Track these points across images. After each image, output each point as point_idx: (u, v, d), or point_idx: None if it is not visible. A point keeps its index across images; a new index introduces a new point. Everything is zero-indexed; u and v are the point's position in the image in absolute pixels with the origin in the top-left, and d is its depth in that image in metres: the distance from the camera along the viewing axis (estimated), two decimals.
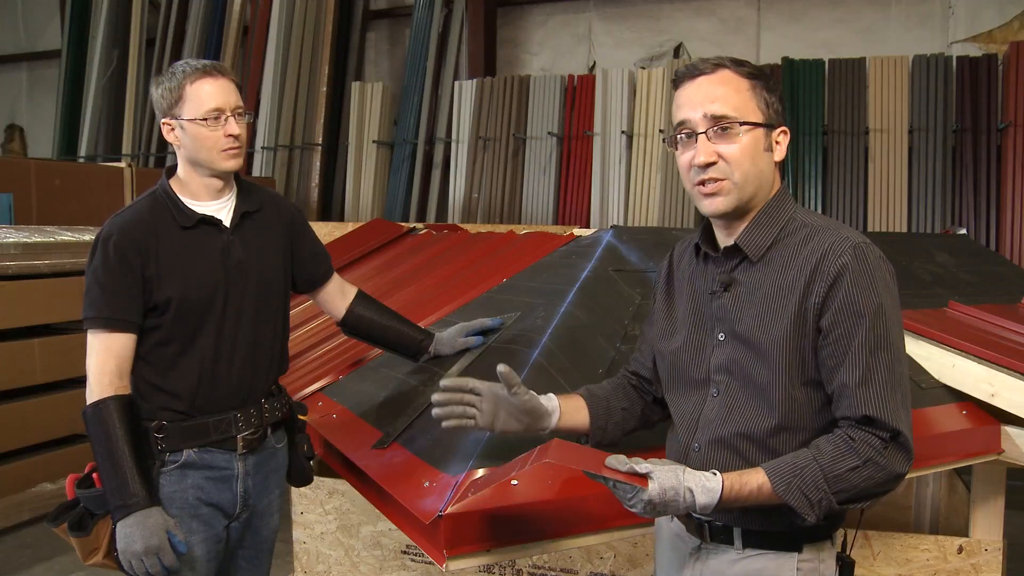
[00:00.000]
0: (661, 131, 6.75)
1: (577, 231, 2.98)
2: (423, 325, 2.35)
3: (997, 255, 4.58)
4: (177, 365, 1.88)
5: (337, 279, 2.18)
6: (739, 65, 1.43)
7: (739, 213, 1.44)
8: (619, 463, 1.28)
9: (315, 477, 2.24)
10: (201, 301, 1.88)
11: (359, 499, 2.54)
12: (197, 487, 1.90)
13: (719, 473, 1.32)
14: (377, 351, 2.45)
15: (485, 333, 2.21)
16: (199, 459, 1.90)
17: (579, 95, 7.17)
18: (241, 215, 1.96)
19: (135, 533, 1.73)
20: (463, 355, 2.16)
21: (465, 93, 7.51)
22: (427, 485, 1.64)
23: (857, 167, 6.38)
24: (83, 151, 9.01)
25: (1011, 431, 2.11)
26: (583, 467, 1.30)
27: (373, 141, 7.85)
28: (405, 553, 2.73)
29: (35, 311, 4.46)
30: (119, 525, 1.75)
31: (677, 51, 7.43)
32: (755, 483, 1.32)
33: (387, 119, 7.94)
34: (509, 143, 7.33)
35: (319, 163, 8.06)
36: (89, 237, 4.55)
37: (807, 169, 6.45)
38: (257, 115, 8.04)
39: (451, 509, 1.53)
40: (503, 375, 1.51)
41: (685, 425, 1.50)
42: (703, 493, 1.29)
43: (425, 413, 1.95)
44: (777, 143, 1.45)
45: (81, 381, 1.86)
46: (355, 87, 7.97)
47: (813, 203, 6.38)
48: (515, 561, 2.53)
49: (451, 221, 7.27)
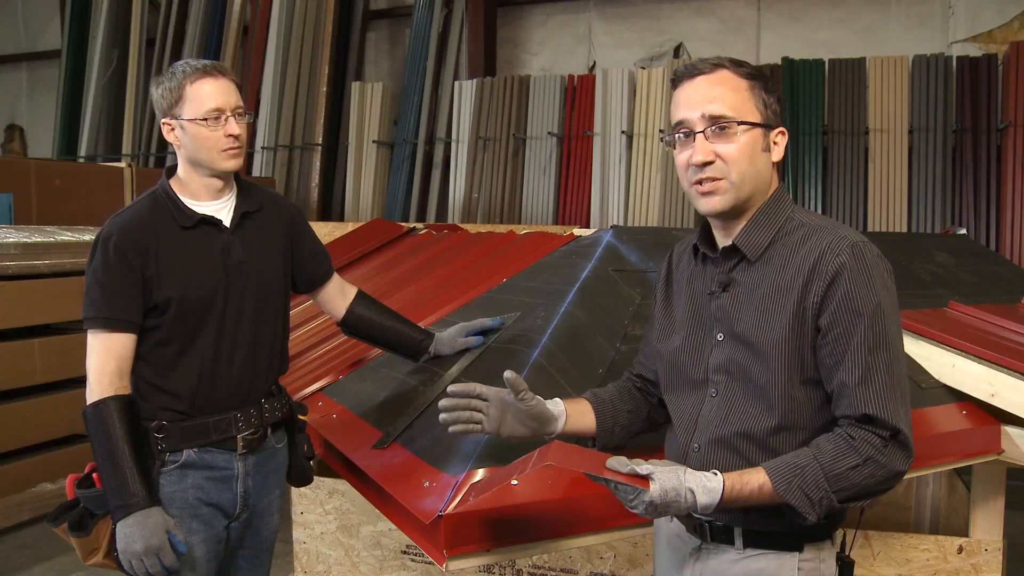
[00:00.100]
0: (661, 131, 6.75)
1: (577, 231, 2.98)
2: (423, 325, 2.35)
3: (997, 255, 4.58)
4: (177, 365, 1.88)
5: (337, 279, 2.18)
6: (738, 65, 1.43)
7: (736, 212, 1.44)
8: (620, 465, 1.28)
9: (315, 477, 2.24)
10: (201, 301, 1.88)
11: (359, 499, 2.54)
12: (197, 487, 1.90)
13: (720, 473, 1.32)
14: (377, 351, 2.45)
15: (485, 333, 2.21)
16: (199, 459, 1.90)
17: (579, 95, 7.17)
18: (241, 215, 1.96)
19: (135, 533, 1.73)
20: (463, 355, 2.16)
21: (465, 93, 7.51)
22: (427, 485, 1.64)
23: (857, 167, 6.38)
24: (83, 151, 9.01)
25: (1011, 431, 2.11)
26: (584, 469, 1.31)
27: (373, 141, 7.85)
28: (405, 553, 2.73)
29: (35, 311, 4.46)
30: (119, 525, 1.75)
31: (677, 51, 7.43)
32: (756, 483, 1.32)
33: (387, 119, 7.94)
34: (509, 143, 7.33)
35: (319, 163, 8.06)
36: (89, 237, 4.55)
37: (807, 169, 6.45)
38: (257, 115, 8.04)
39: (451, 509, 1.53)
40: (509, 381, 1.51)
41: (684, 425, 1.50)
42: (704, 493, 1.29)
43: (425, 413, 1.95)
44: (775, 143, 1.45)
45: (81, 381, 1.86)
46: (355, 87, 7.97)
47: (813, 203, 6.38)
48: (515, 561, 2.53)
49: (451, 221, 7.27)
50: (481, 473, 1.63)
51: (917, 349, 2.30)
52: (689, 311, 1.53)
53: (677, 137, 1.44)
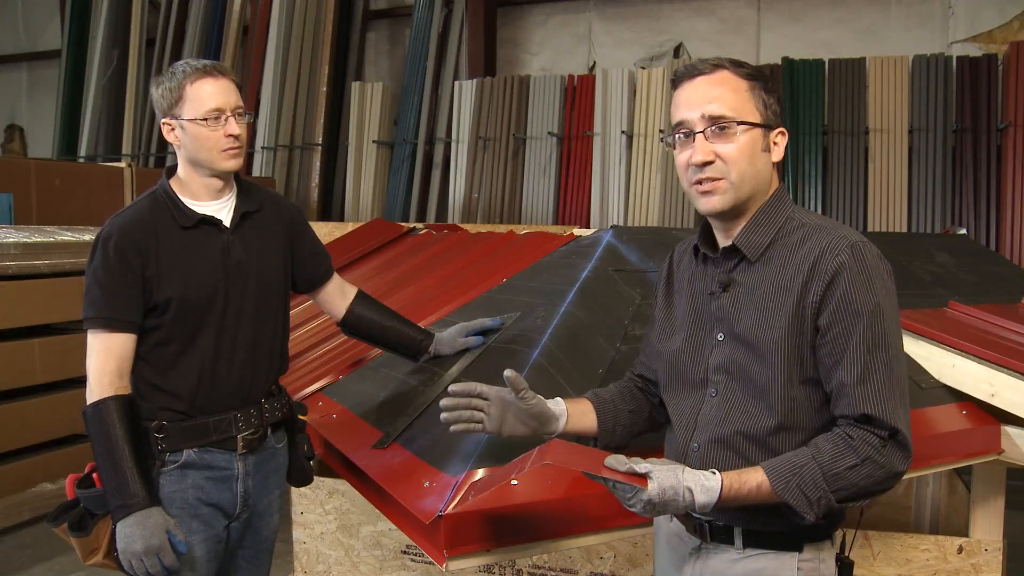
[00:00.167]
0: (661, 131, 6.74)
1: (577, 231, 2.98)
2: (423, 325, 2.35)
3: (997, 255, 4.58)
4: (177, 365, 1.88)
5: (337, 279, 2.18)
6: (738, 66, 1.43)
7: (736, 213, 1.45)
8: (618, 463, 1.28)
9: (315, 477, 2.24)
10: (201, 301, 1.88)
11: (359, 499, 2.54)
12: (197, 487, 1.90)
13: (718, 472, 1.32)
14: (377, 351, 2.45)
15: (485, 333, 2.21)
16: (199, 459, 1.90)
17: (579, 95, 7.17)
18: (241, 215, 1.96)
19: (135, 533, 1.73)
20: (463, 355, 2.16)
21: (465, 93, 7.51)
22: (427, 485, 1.65)
23: (857, 167, 6.38)
24: (83, 151, 9.01)
25: (1011, 431, 2.11)
26: (582, 468, 1.31)
27: (373, 141, 7.85)
28: (405, 553, 2.73)
29: (35, 311, 4.46)
30: (119, 525, 1.75)
31: (677, 51, 7.43)
32: (754, 482, 1.32)
33: (387, 119, 7.94)
34: (509, 143, 7.33)
35: (319, 163, 8.06)
36: (89, 237, 4.55)
37: (807, 169, 6.44)
38: (257, 115, 8.04)
39: (451, 509, 1.53)
40: (510, 380, 1.52)
41: (683, 425, 1.51)
42: (702, 492, 1.29)
43: (425, 413, 1.95)
44: (775, 144, 1.45)
45: (81, 381, 1.86)
46: (355, 87, 7.97)
47: (813, 203, 6.38)
48: (515, 561, 2.53)
49: (451, 221, 7.27)
50: (481, 473, 1.63)
51: (917, 349, 2.30)
52: (690, 311, 1.53)
53: (677, 137, 1.45)
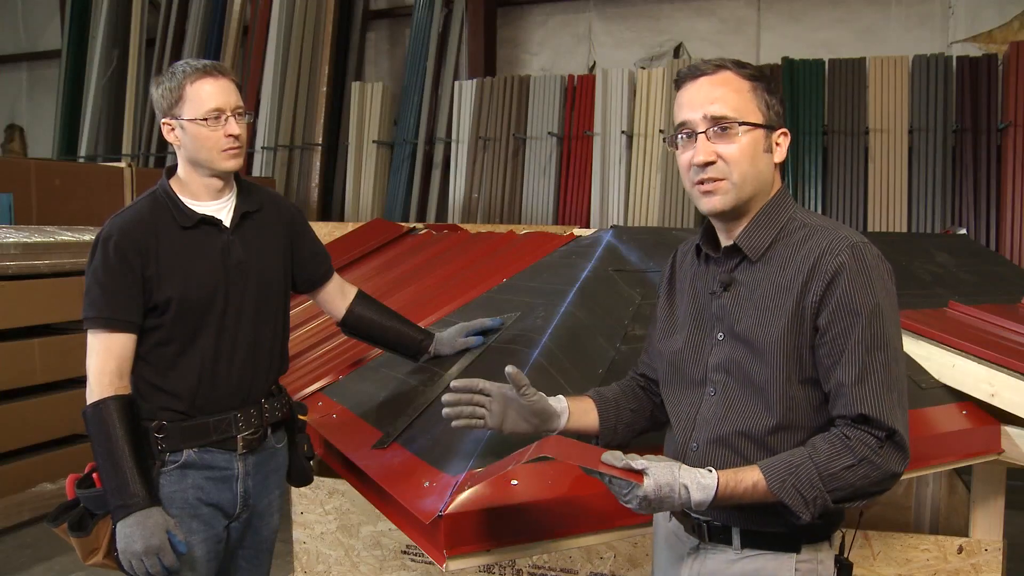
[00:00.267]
0: (661, 131, 6.75)
1: (577, 231, 2.98)
2: (423, 325, 2.35)
3: (997, 255, 4.58)
4: (177, 365, 1.88)
5: (337, 279, 2.18)
6: (741, 67, 1.43)
7: (737, 213, 1.45)
8: (615, 459, 1.28)
9: (315, 477, 2.24)
10: (201, 301, 1.88)
11: (359, 499, 2.54)
12: (197, 487, 1.90)
13: (715, 470, 1.32)
14: (377, 351, 2.45)
15: (485, 333, 2.21)
16: (199, 459, 1.90)
17: (579, 95, 7.16)
18: (241, 215, 1.96)
19: (135, 533, 1.73)
20: (463, 355, 2.16)
21: (465, 93, 7.51)
22: (427, 485, 1.64)
23: (857, 167, 6.37)
24: (83, 151, 9.01)
25: (1011, 431, 2.11)
26: (580, 462, 1.31)
27: (373, 141, 7.85)
28: (405, 553, 2.73)
29: (35, 311, 4.46)
30: (119, 525, 1.75)
31: (677, 51, 7.43)
32: (750, 480, 1.32)
33: (387, 119, 7.94)
34: (509, 143, 7.33)
35: (319, 163, 8.06)
36: (89, 237, 4.55)
37: (807, 169, 6.44)
38: (257, 115, 8.04)
39: (451, 509, 1.53)
40: (511, 376, 1.52)
41: (682, 424, 1.51)
42: (698, 490, 1.29)
43: (425, 413, 1.95)
44: (777, 144, 1.45)
45: (81, 381, 1.86)
46: (355, 87, 7.97)
47: (813, 203, 6.38)
48: (515, 561, 2.53)
49: (451, 221, 7.27)
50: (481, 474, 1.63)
51: (917, 349, 2.30)
52: (691, 311, 1.54)
53: (680, 138, 1.45)
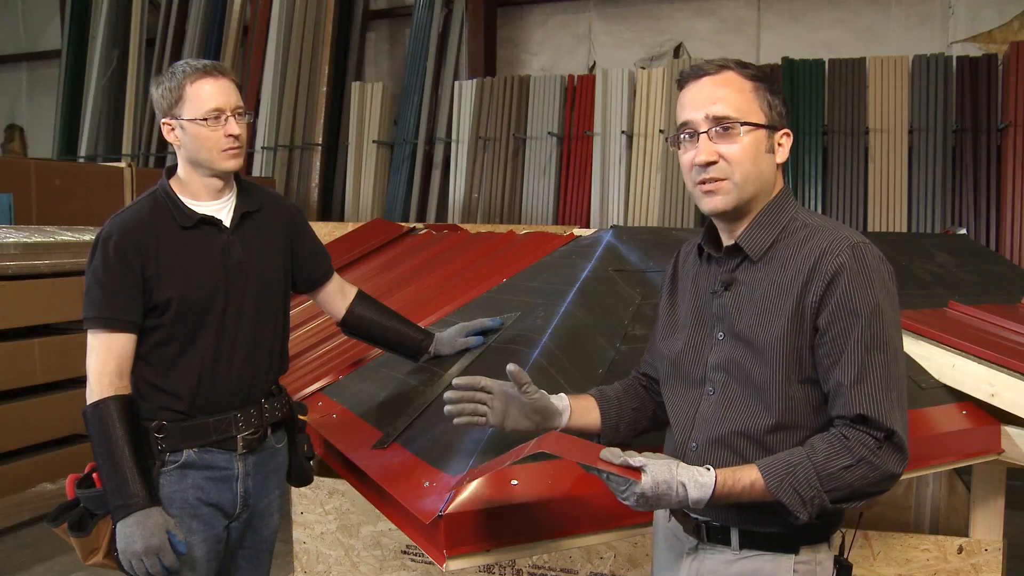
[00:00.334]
0: (661, 131, 6.75)
1: (577, 231, 2.98)
2: (423, 325, 2.35)
3: (997, 255, 4.58)
4: (177, 365, 1.88)
5: (337, 279, 2.18)
6: (743, 67, 1.43)
7: (739, 213, 1.45)
8: (613, 456, 1.28)
9: (315, 477, 2.24)
10: (201, 301, 1.88)
11: (359, 499, 2.54)
12: (197, 487, 1.90)
13: (712, 468, 1.32)
14: (377, 351, 2.45)
15: (485, 333, 2.21)
16: (199, 459, 1.90)
17: (579, 95, 7.17)
18: (241, 215, 1.96)
19: (135, 533, 1.73)
20: (463, 355, 2.16)
21: (465, 93, 7.51)
22: (427, 485, 1.64)
23: (857, 167, 6.38)
24: (83, 151, 9.01)
25: (1011, 431, 2.11)
26: (578, 459, 1.31)
27: (373, 141, 7.85)
28: (405, 553, 2.73)
29: (35, 311, 4.46)
30: (119, 525, 1.75)
31: (677, 51, 7.43)
32: (748, 479, 1.32)
33: (387, 119, 7.94)
34: (509, 143, 7.33)
35: (319, 163, 8.06)
36: (89, 237, 4.55)
37: (807, 169, 6.45)
38: (257, 115, 8.04)
39: (451, 509, 1.53)
40: (512, 374, 1.52)
41: (681, 424, 1.51)
42: (696, 488, 1.29)
43: (425, 413, 1.95)
44: (780, 145, 1.45)
45: (81, 381, 1.86)
46: (355, 87, 7.97)
47: (813, 203, 6.38)
48: (515, 561, 2.53)
49: (451, 221, 7.27)
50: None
51: (917, 349, 2.30)
52: (693, 310, 1.54)
53: (682, 138, 1.45)
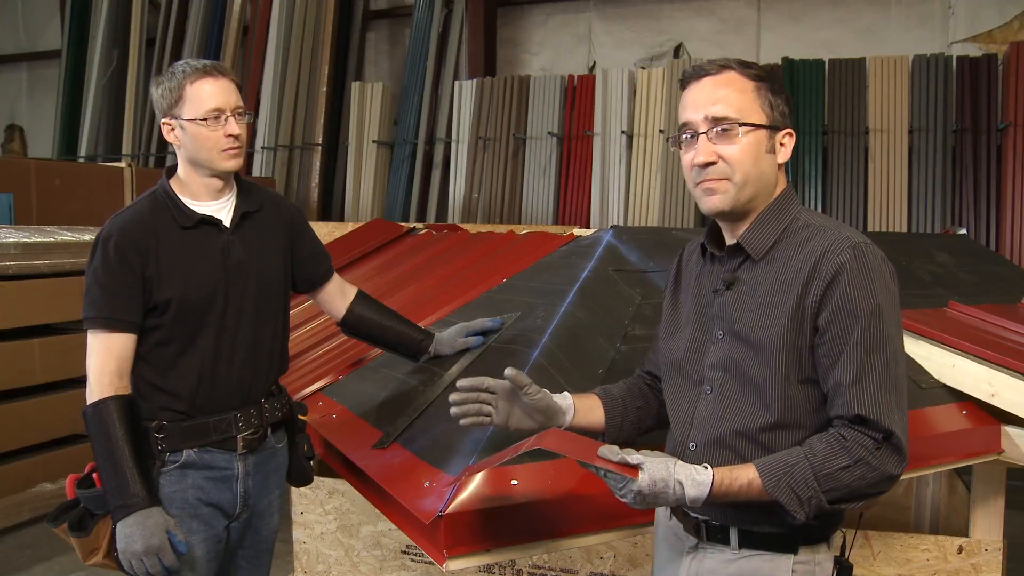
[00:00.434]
0: (661, 131, 6.75)
1: (577, 231, 2.98)
2: (423, 325, 2.35)
3: (997, 255, 4.58)
4: (177, 365, 1.88)
5: (337, 279, 2.18)
6: (745, 67, 1.43)
7: (739, 213, 1.45)
8: (611, 453, 1.29)
9: (315, 477, 2.24)
10: (201, 301, 1.88)
11: (359, 499, 2.54)
12: (197, 487, 1.90)
13: (710, 467, 1.33)
14: (377, 351, 2.45)
15: (485, 333, 2.21)
16: (199, 459, 1.90)
17: (579, 95, 7.17)
18: (241, 215, 1.96)
19: (135, 533, 1.73)
20: (463, 355, 2.16)
21: (465, 93, 7.51)
22: (427, 485, 1.64)
23: (857, 167, 6.38)
24: (83, 151, 9.01)
25: (1011, 431, 2.11)
26: (576, 456, 1.31)
27: (373, 141, 7.85)
28: (405, 553, 2.73)
29: (35, 311, 4.46)
30: (119, 525, 1.75)
31: (677, 51, 7.43)
32: (745, 478, 1.32)
33: (387, 119, 7.94)
34: (509, 143, 7.33)
35: (319, 163, 8.06)
36: (89, 237, 4.55)
37: (807, 169, 6.45)
38: (257, 115, 8.04)
39: (451, 509, 1.53)
40: (511, 378, 1.53)
41: (680, 422, 1.51)
42: (693, 486, 1.30)
43: (425, 413, 1.95)
44: (782, 145, 1.45)
45: (81, 381, 1.86)
46: (355, 87, 7.97)
47: (813, 203, 6.38)
48: (515, 561, 2.53)
49: (451, 221, 7.27)
50: (481, 474, 1.63)
51: (917, 349, 2.30)
52: (695, 309, 1.54)
53: (683, 138, 1.45)
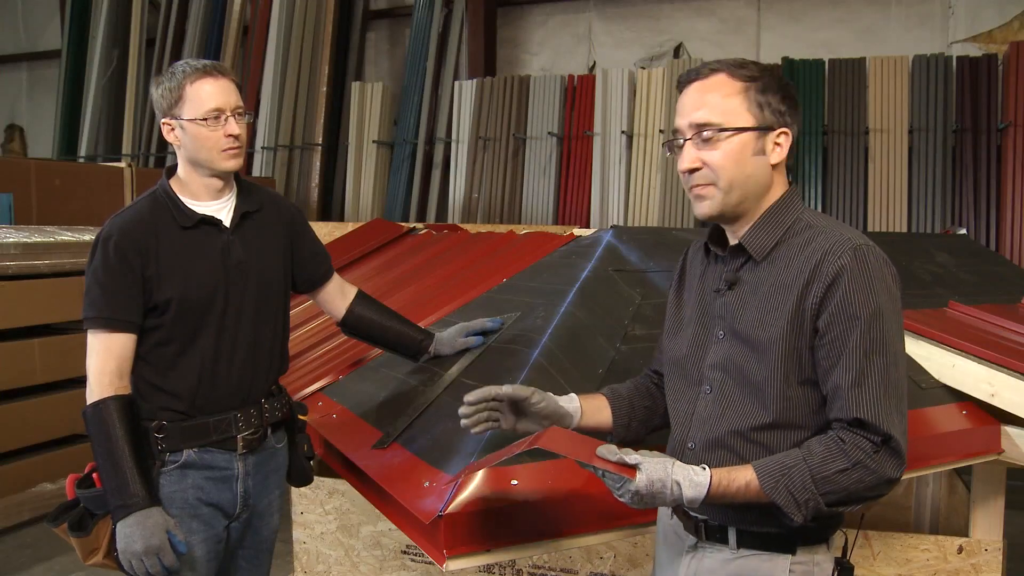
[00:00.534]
0: (661, 131, 6.75)
1: (577, 231, 2.98)
2: (423, 325, 2.35)
3: (997, 255, 4.58)
4: (177, 365, 1.88)
5: (337, 279, 2.18)
6: (739, 67, 1.41)
7: (728, 217, 1.45)
8: (609, 453, 1.29)
9: (315, 477, 2.24)
10: (201, 301, 1.88)
11: (359, 499, 2.54)
12: (197, 487, 1.90)
13: (708, 468, 1.33)
14: (377, 351, 2.45)
15: (485, 333, 2.21)
16: (199, 459, 1.90)
17: (579, 95, 7.17)
18: (241, 215, 1.96)
19: (135, 533, 1.73)
20: (463, 355, 2.16)
21: (465, 93, 7.51)
22: (427, 485, 1.64)
23: (857, 167, 6.38)
24: (83, 151, 9.01)
25: (1011, 431, 2.11)
26: (575, 455, 1.31)
27: (373, 141, 7.85)
28: (405, 553, 2.73)
29: (35, 311, 4.46)
30: (119, 525, 1.75)
31: (677, 51, 7.43)
32: (743, 480, 1.32)
33: (387, 119, 7.94)
34: (509, 143, 7.33)
35: (319, 163, 8.06)
36: (89, 237, 4.55)
37: (807, 169, 6.45)
38: (257, 115, 8.04)
39: (451, 509, 1.53)
40: (509, 396, 1.53)
41: (680, 422, 1.52)
42: (691, 487, 1.30)
43: (425, 413, 1.95)
44: (777, 144, 1.42)
45: (81, 381, 1.86)
46: (355, 87, 7.97)
47: (813, 203, 6.38)
48: (515, 561, 2.53)
49: (451, 221, 7.27)
50: (481, 474, 1.63)
51: (917, 349, 2.30)
52: (697, 309, 1.54)
53: (676, 144, 1.45)
